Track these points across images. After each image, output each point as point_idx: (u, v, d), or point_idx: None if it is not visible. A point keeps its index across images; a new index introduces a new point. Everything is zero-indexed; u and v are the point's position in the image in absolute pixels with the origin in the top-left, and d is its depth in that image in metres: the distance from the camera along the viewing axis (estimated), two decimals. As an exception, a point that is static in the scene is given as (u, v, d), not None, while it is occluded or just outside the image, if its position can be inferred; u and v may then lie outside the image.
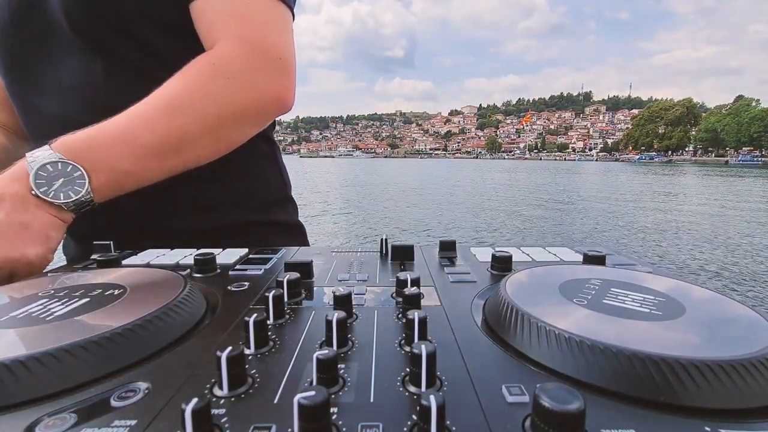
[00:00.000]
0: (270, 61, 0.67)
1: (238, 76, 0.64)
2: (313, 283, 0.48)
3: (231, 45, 0.65)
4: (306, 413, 0.20)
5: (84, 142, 0.56)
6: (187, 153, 0.64)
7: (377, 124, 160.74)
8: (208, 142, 0.65)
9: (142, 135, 0.59)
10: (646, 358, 0.26)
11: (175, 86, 0.62)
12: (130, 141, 0.58)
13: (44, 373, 0.27)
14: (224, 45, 0.65)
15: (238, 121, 0.67)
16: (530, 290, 0.39)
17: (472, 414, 0.24)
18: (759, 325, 0.31)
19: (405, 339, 0.33)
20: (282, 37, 0.69)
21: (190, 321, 0.36)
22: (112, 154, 0.57)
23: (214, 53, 0.65)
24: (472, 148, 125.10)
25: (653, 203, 13.39)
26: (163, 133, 0.60)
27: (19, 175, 0.53)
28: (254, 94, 0.66)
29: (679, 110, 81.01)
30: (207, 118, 0.63)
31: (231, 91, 0.64)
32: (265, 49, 0.67)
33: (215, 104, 0.63)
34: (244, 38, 0.66)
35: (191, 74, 0.63)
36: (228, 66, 0.64)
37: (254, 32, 0.67)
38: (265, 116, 0.71)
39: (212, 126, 0.64)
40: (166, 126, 0.60)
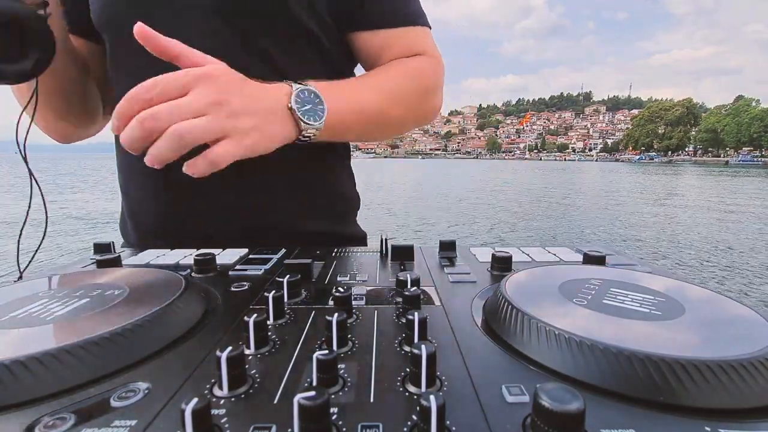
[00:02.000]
0: (442, 80, 0.84)
1: (433, 85, 0.81)
2: (313, 283, 0.48)
3: (434, 61, 0.81)
4: (306, 413, 0.20)
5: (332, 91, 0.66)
6: (383, 131, 0.78)
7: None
8: (396, 129, 0.80)
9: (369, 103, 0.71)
10: (645, 358, 0.26)
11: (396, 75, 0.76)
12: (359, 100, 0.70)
13: (44, 373, 0.27)
14: (430, 60, 0.81)
15: (417, 119, 0.82)
16: (530, 290, 0.39)
17: (472, 414, 0.24)
18: (759, 325, 0.31)
19: (405, 339, 0.33)
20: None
21: (190, 321, 0.36)
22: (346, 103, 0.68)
23: (418, 62, 0.79)
24: (472, 148, 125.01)
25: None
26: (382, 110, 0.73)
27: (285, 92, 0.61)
28: (435, 102, 0.83)
29: (679, 110, 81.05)
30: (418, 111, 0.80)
31: (432, 97, 0.81)
32: (442, 67, 0.84)
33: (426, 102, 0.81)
34: (438, 58, 0.83)
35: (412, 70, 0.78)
36: (436, 77, 0.81)
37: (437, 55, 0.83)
38: (425, 122, 0.85)
39: (417, 117, 0.81)
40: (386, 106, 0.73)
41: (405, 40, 0.79)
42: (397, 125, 0.79)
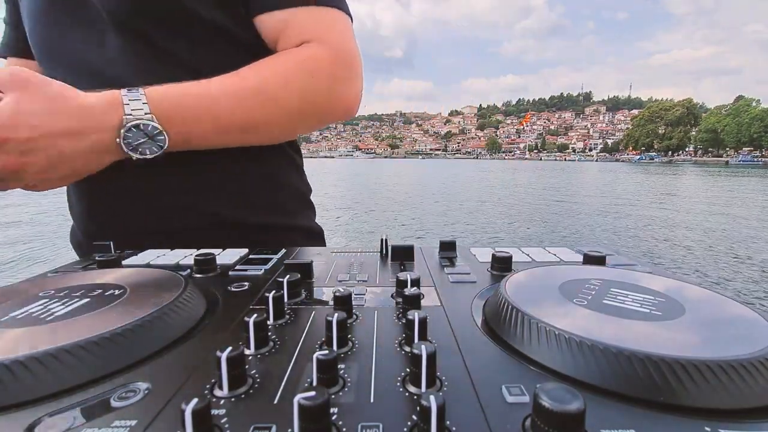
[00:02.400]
0: (349, 68, 0.72)
1: (324, 76, 0.69)
2: (313, 283, 0.48)
3: (319, 48, 0.69)
4: (306, 414, 0.20)
5: (178, 108, 0.60)
6: (259, 135, 0.69)
7: (377, 125, 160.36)
8: (279, 129, 0.71)
9: (227, 114, 0.63)
10: (645, 358, 0.26)
11: (266, 73, 0.66)
12: (214, 116, 0.62)
13: (44, 373, 0.27)
14: (312, 46, 0.69)
15: (310, 117, 0.72)
16: (530, 290, 0.39)
17: (472, 414, 0.24)
18: (759, 325, 0.31)
19: (405, 339, 0.33)
20: (356, 48, 0.74)
21: (190, 321, 0.36)
22: (197, 126, 0.62)
23: (304, 51, 0.69)
24: (472, 148, 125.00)
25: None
26: (245, 116, 0.65)
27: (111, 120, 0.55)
28: (333, 96, 0.71)
29: (679, 110, 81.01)
30: (290, 109, 0.68)
31: (314, 89, 0.69)
32: (347, 57, 0.72)
33: (298, 99, 0.68)
34: (332, 44, 0.70)
35: (283, 65, 0.67)
36: (316, 65, 0.68)
37: (340, 40, 0.71)
38: (332, 118, 0.75)
39: (292, 118, 0.70)
40: (250, 110, 0.65)
41: (299, 22, 0.69)
42: (276, 129, 0.70)
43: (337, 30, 0.72)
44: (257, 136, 0.70)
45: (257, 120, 0.66)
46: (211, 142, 0.65)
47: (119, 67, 0.68)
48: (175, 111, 0.59)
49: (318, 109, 0.71)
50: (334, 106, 0.72)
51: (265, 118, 0.67)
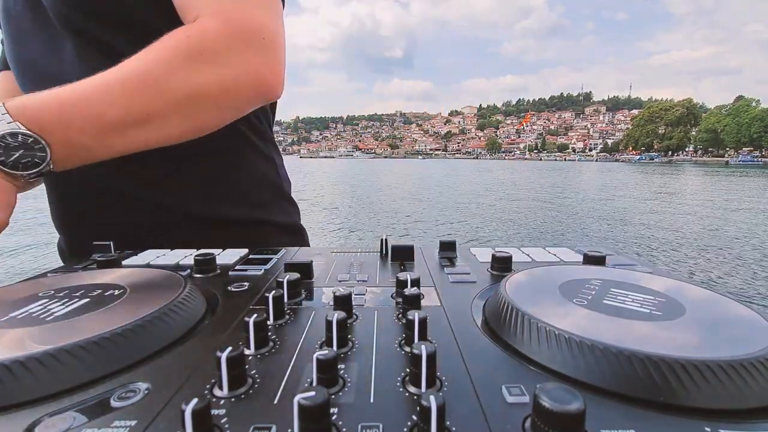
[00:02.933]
0: (251, 40, 0.63)
1: (213, 53, 0.60)
2: (313, 283, 0.48)
3: (210, 21, 0.61)
4: (306, 414, 0.20)
5: (45, 111, 0.53)
6: (152, 130, 0.60)
7: (377, 125, 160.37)
8: (175, 121, 0.61)
9: (104, 109, 0.55)
10: (645, 359, 0.26)
11: (144, 59, 0.58)
12: (93, 114, 0.55)
13: (44, 373, 0.27)
14: (203, 21, 0.61)
15: (211, 101, 0.63)
16: (530, 290, 0.39)
17: (472, 414, 0.24)
18: (759, 325, 0.31)
19: (405, 339, 0.33)
20: (267, 17, 0.66)
21: (190, 321, 0.36)
22: (75, 127, 0.54)
23: (190, 28, 0.61)
24: (472, 148, 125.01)
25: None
26: (127, 109, 0.57)
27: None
28: (229, 74, 0.61)
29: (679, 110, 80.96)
30: (174, 95, 0.59)
31: (205, 70, 0.60)
32: (247, 28, 0.63)
33: (184, 81, 0.59)
34: (225, 15, 0.62)
35: (163, 48, 0.59)
36: (203, 42, 0.60)
37: (237, 10, 0.63)
38: (243, 100, 0.66)
39: (180, 104, 0.60)
40: (131, 101, 0.57)
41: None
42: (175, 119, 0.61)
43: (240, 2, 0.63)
44: (152, 133, 0.60)
45: (144, 111, 0.58)
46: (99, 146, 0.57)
47: (75, 73, 0.65)
48: (43, 114, 0.53)
49: (215, 91, 0.62)
50: (237, 85, 0.63)
51: (153, 108, 0.58)
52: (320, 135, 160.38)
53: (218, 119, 0.66)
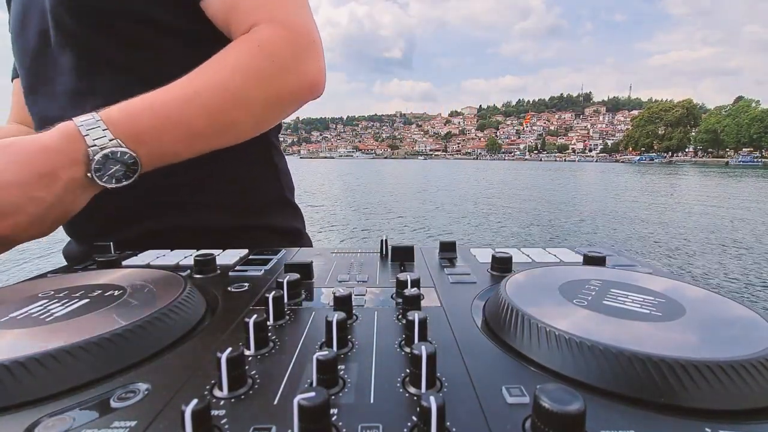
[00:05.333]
0: (307, 45, 0.68)
1: (283, 59, 0.64)
2: (313, 284, 0.48)
3: (272, 29, 0.65)
4: (306, 414, 0.20)
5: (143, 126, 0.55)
6: (231, 135, 0.65)
7: (377, 125, 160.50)
8: (250, 125, 0.67)
9: (198, 120, 0.59)
10: (646, 359, 0.26)
11: (225, 67, 0.62)
12: (184, 125, 0.58)
13: (44, 374, 0.27)
14: (267, 29, 0.65)
15: (280, 104, 0.68)
16: (530, 291, 0.39)
17: (472, 415, 0.24)
18: (759, 325, 0.31)
19: (405, 340, 0.33)
20: (310, 19, 0.70)
21: (190, 322, 0.36)
22: (168, 138, 0.58)
23: (257, 36, 0.65)
24: (472, 149, 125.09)
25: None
26: (215, 117, 0.61)
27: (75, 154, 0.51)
28: (296, 78, 0.67)
29: (678, 111, 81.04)
30: (255, 102, 0.64)
31: (278, 75, 0.65)
32: (302, 33, 0.67)
33: (264, 88, 0.64)
34: (282, 22, 0.66)
35: (240, 56, 0.63)
36: (275, 50, 0.64)
37: (288, 16, 0.67)
38: (301, 100, 0.71)
39: (257, 111, 0.65)
40: (218, 110, 0.60)
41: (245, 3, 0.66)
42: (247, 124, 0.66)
43: (288, 7, 0.67)
44: (229, 136, 0.66)
45: (229, 119, 0.62)
46: (185, 153, 0.62)
47: (79, 82, 0.68)
48: (141, 128, 0.55)
49: (283, 93, 0.67)
50: (299, 86, 0.68)
51: (236, 116, 0.63)
52: (320, 135, 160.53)
53: (280, 119, 0.72)
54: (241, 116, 0.64)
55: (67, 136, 0.52)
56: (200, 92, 0.59)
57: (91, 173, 0.52)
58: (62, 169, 0.51)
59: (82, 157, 0.52)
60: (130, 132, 0.54)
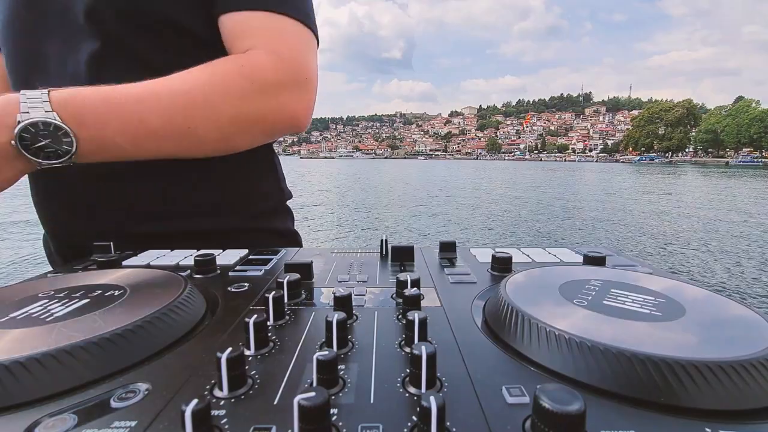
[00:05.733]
0: (296, 79, 0.68)
1: (263, 84, 0.64)
2: (313, 284, 0.48)
3: (263, 55, 0.65)
4: (306, 414, 0.20)
5: (88, 107, 0.54)
6: (188, 144, 0.63)
7: (377, 125, 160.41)
8: (213, 139, 0.65)
9: (149, 117, 0.58)
10: (646, 359, 0.26)
11: (197, 76, 0.61)
12: (134, 119, 0.57)
13: (44, 374, 0.27)
14: (258, 54, 0.65)
15: (250, 127, 0.67)
16: (530, 291, 0.39)
17: (472, 415, 0.24)
18: (759, 325, 0.31)
19: (405, 340, 0.33)
20: (309, 60, 0.71)
21: (191, 322, 0.36)
22: (114, 128, 0.56)
23: (245, 57, 0.65)
24: (472, 149, 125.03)
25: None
26: (171, 120, 0.59)
27: (7, 122, 0.50)
28: (272, 106, 0.66)
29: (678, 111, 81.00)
30: (221, 116, 0.63)
31: (253, 98, 0.64)
32: (293, 66, 0.68)
33: (233, 105, 0.63)
34: (278, 52, 0.66)
35: (218, 70, 0.63)
36: (257, 72, 0.64)
37: (286, 49, 0.68)
38: (276, 130, 0.71)
39: (223, 125, 0.64)
40: (177, 114, 0.59)
41: (252, 27, 0.67)
42: (208, 137, 0.64)
43: (289, 41, 0.68)
44: (186, 146, 0.64)
45: (185, 124, 0.60)
46: (131, 149, 0.59)
47: (94, 72, 0.67)
48: (86, 110, 0.54)
49: (256, 118, 0.66)
50: (276, 117, 0.68)
51: (195, 123, 0.61)
52: (320, 135, 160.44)
53: (250, 143, 0.71)
54: (201, 125, 0.62)
55: (6, 102, 0.51)
56: (161, 92, 0.59)
57: (15, 141, 0.50)
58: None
59: (11, 122, 0.50)
60: (72, 110, 0.53)
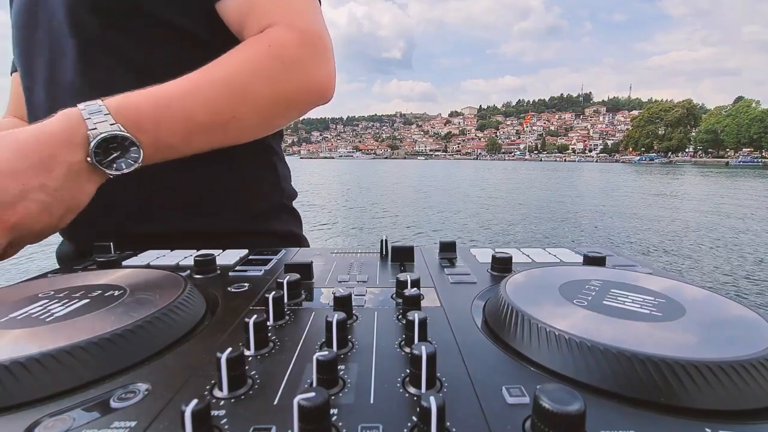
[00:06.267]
0: (318, 48, 0.69)
1: (293, 60, 0.65)
2: (313, 284, 0.48)
3: (284, 31, 0.66)
4: (306, 414, 0.20)
5: (143, 112, 0.56)
6: (234, 131, 0.65)
7: (377, 125, 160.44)
8: (255, 122, 0.67)
9: (197, 112, 0.59)
10: (646, 359, 0.26)
11: (232, 64, 0.62)
12: (185, 117, 0.58)
13: (44, 374, 0.27)
14: (279, 31, 0.66)
15: (287, 104, 0.69)
16: (530, 291, 0.39)
17: (472, 415, 0.24)
18: (759, 325, 0.31)
19: (405, 340, 0.33)
20: (323, 24, 0.71)
21: (190, 322, 0.36)
22: (167, 128, 0.57)
23: (268, 36, 0.66)
24: (472, 149, 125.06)
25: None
26: (216, 111, 0.61)
27: (76, 138, 0.51)
28: (304, 79, 0.67)
29: (678, 111, 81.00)
30: (260, 99, 0.64)
31: (286, 75, 0.65)
32: (314, 36, 0.68)
33: (270, 86, 0.64)
34: (294, 25, 0.67)
35: (248, 54, 0.64)
36: (284, 50, 0.65)
37: (301, 20, 0.68)
38: (310, 102, 0.71)
39: (263, 107, 0.65)
40: (220, 104, 0.61)
41: (261, 5, 0.67)
42: (252, 121, 0.66)
43: (301, 10, 0.69)
44: (232, 134, 0.65)
45: (230, 114, 0.62)
46: (184, 146, 0.61)
47: (82, 76, 0.68)
48: (141, 116, 0.55)
49: (292, 95, 0.68)
50: (308, 89, 0.69)
51: (238, 111, 0.63)
52: (320, 136, 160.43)
53: (288, 120, 0.72)
54: (244, 112, 0.63)
55: (67, 119, 0.52)
56: (202, 86, 0.60)
57: (91, 157, 0.52)
58: (61, 153, 0.50)
59: (81, 140, 0.51)
60: (132, 118, 0.54)
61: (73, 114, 0.52)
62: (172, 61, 0.68)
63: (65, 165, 0.51)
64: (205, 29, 0.70)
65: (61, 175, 0.51)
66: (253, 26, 0.68)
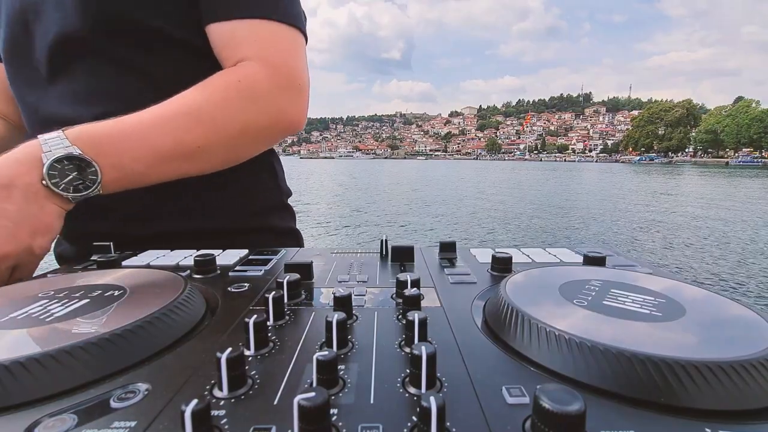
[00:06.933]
0: (290, 85, 0.70)
1: (261, 95, 0.67)
2: (313, 284, 0.48)
3: (256, 66, 0.67)
4: (306, 414, 0.20)
5: (103, 137, 0.57)
6: (200, 161, 0.66)
7: (377, 125, 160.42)
8: (221, 153, 0.68)
9: (162, 140, 0.60)
10: (646, 359, 0.26)
11: (199, 95, 0.64)
12: (148, 144, 0.59)
13: (44, 374, 0.27)
14: (250, 65, 0.67)
15: (254, 137, 0.70)
16: (530, 291, 0.39)
17: (472, 415, 0.24)
18: (759, 326, 0.31)
19: (405, 340, 0.33)
20: (300, 63, 0.73)
21: (190, 322, 0.36)
22: (129, 155, 0.58)
23: (240, 70, 0.67)
24: (472, 149, 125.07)
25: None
26: (181, 141, 0.62)
27: (31, 162, 0.52)
28: (273, 115, 0.69)
29: (678, 111, 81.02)
30: (226, 131, 0.65)
31: (253, 110, 0.66)
32: (287, 73, 0.70)
33: (236, 120, 0.65)
34: (269, 61, 0.68)
35: (217, 87, 0.65)
36: (253, 85, 0.66)
37: (278, 56, 0.69)
38: (278, 136, 0.74)
39: (229, 139, 0.66)
40: (185, 134, 0.62)
41: (240, 37, 0.68)
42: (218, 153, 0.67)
43: (279, 47, 0.70)
44: (198, 164, 0.66)
45: (195, 144, 0.63)
46: (152, 174, 0.62)
47: (67, 106, 0.69)
48: (102, 140, 0.56)
49: (259, 130, 0.69)
50: (276, 123, 0.70)
51: (205, 143, 0.63)
52: (320, 135, 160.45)
53: (254, 151, 0.75)
54: (211, 143, 0.64)
55: (27, 146, 0.54)
56: (168, 115, 0.61)
57: (46, 179, 0.52)
58: (17, 177, 0.52)
59: (36, 162, 0.52)
60: (90, 142, 0.55)
61: (33, 141, 0.54)
62: (176, 66, 0.70)
63: (22, 188, 0.52)
64: (203, 42, 0.71)
65: (19, 198, 0.52)
66: (230, 57, 0.69)
